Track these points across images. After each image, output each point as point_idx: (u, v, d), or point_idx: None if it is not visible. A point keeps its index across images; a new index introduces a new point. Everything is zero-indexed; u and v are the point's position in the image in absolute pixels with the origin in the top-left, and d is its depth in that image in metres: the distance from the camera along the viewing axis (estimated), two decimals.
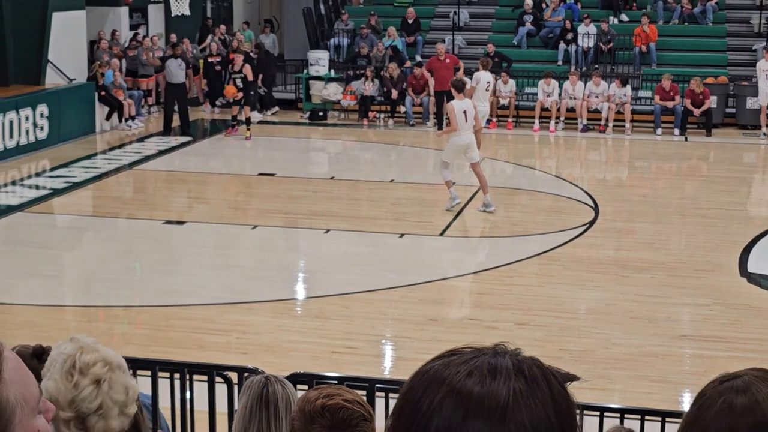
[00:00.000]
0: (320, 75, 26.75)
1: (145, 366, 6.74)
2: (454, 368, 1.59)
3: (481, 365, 1.58)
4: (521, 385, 1.56)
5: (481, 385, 1.55)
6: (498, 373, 1.57)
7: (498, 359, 1.60)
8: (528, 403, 1.55)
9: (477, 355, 1.62)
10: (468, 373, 1.57)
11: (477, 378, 1.56)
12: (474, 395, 1.54)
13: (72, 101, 22.73)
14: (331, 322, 11.62)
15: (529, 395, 1.56)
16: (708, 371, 10.14)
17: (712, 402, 2.42)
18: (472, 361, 1.60)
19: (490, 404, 1.54)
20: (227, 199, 17.87)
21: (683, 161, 21.93)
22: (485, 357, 1.60)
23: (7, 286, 13.10)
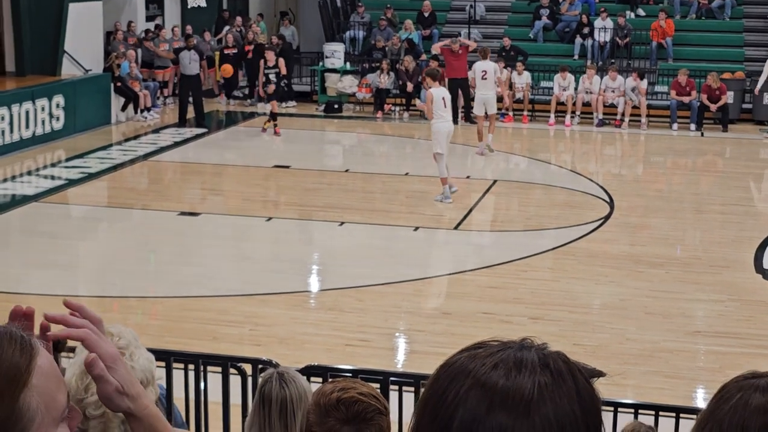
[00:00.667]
0: (336, 67, 26.74)
1: (160, 357, 6.72)
2: (480, 360, 1.59)
3: (506, 358, 1.58)
4: (546, 379, 1.56)
5: (506, 378, 1.55)
6: (523, 366, 1.57)
7: (524, 353, 1.59)
8: (553, 397, 1.55)
9: (503, 348, 1.62)
10: (493, 365, 1.57)
11: (502, 371, 1.56)
12: (499, 388, 1.54)
13: (88, 92, 22.78)
14: (344, 314, 11.62)
15: (554, 389, 1.56)
16: (722, 367, 10.12)
17: (730, 396, 2.42)
18: (497, 354, 1.60)
19: (515, 397, 1.54)
20: (242, 190, 17.89)
21: (699, 157, 21.86)
22: (511, 350, 1.61)
23: (22, 276, 13.14)
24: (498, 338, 1.66)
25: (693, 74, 24.67)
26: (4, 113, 19.93)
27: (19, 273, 13.27)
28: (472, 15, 29.13)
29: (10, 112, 20.12)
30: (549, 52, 27.93)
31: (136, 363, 3.46)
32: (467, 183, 18.33)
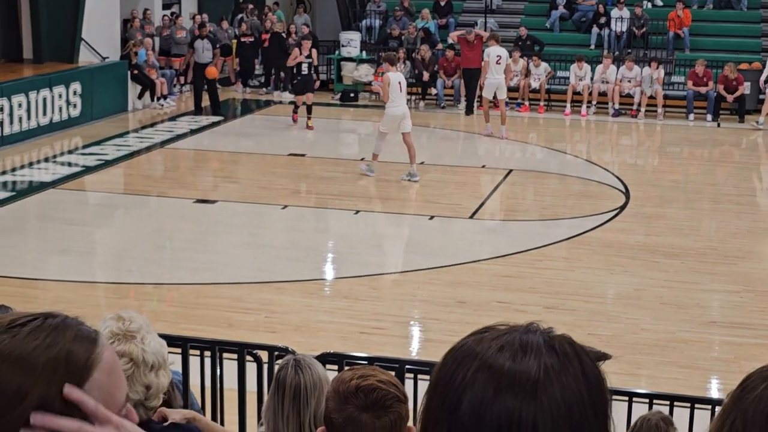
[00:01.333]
0: (352, 56, 26.73)
1: (176, 343, 6.78)
2: (486, 344, 1.61)
3: (512, 341, 1.60)
4: (553, 361, 1.58)
5: (513, 360, 1.57)
6: (529, 348, 1.59)
7: (530, 336, 1.61)
8: (559, 378, 1.57)
9: (509, 332, 1.64)
10: (499, 348, 1.59)
11: (508, 353, 1.58)
12: (505, 370, 1.57)
13: (105, 79, 22.83)
14: (359, 302, 11.65)
15: (560, 370, 1.58)
16: (737, 358, 10.12)
17: (755, 386, 2.42)
18: (504, 336, 1.62)
19: (521, 379, 1.56)
20: (258, 178, 17.92)
21: (715, 147, 21.81)
22: (517, 333, 1.63)
23: (39, 261, 13.21)
24: (505, 323, 1.68)
25: (710, 65, 24.59)
26: (21, 100, 20.00)
27: (36, 259, 13.34)
28: (489, 4, 29.08)
29: (28, 99, 20.19)
30: (565, 41, 27.88)
31: (147, 347, 3.51)
32: (482, 172, 18.33)
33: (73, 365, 1.67)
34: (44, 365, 1.64)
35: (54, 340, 1.67)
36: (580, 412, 1.58)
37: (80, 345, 1.69)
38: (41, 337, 1.67)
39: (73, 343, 1.68)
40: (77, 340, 1.69)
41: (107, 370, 1.72)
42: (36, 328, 1.69)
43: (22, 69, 22.27)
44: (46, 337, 1.67)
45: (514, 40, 26.92)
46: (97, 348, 1.71)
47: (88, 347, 1.69)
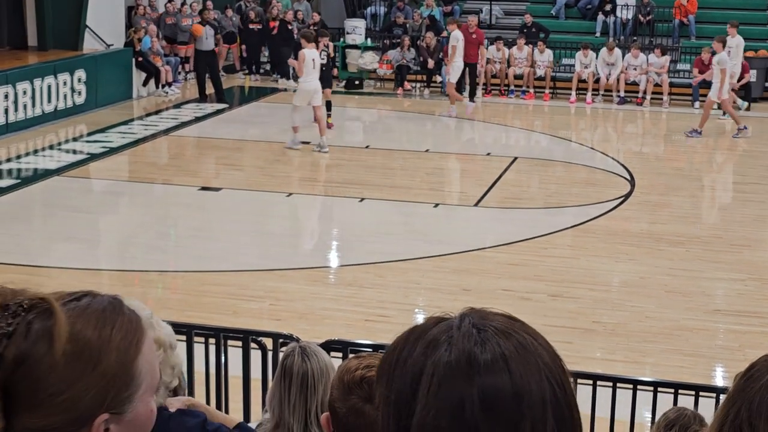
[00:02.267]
0: (357, 44, 26.70)
1: (181, 331, 6.78)
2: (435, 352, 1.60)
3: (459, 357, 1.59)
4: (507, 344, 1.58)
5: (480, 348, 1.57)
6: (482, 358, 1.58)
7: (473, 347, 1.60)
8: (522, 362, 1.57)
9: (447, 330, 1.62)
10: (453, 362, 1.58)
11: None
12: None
13: (109, 67, 22.82)
14: (364, 290, 11.65)
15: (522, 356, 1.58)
16: (742, 346, 10.12)
17: (760, 375, 2.42)
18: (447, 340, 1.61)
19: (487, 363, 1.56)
20: (263, 166, 17.92)
21: (721, 135, 21.76)
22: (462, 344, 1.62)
23: (44, 249, 13.22)
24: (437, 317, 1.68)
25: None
26: (26, 87, 20.00)
27: (41, 246, 13.35)
28: None
29: (33, 86, 20.19)
30: (571, 29, 27.83)
31: (163, 329, 3.56)
32: (487, 160, 18.31)
33: (129, 342, 1.76)
34: (106, 342, 1.73)
35: (109, 319, 1.76)
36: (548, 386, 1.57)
37: (132, 324, 1.78)
38: (96, 314, 1.76)
39: (127, 322, 1.77)
40: (129, 319, 1.78)
41: (150, 346, 1.82)
42: (87, 304, 1.77)
43: (27, 56, 22.26)
44: (101, 314, 1.76)
45: (519, 28, 26.87)
46: (143, 325, 1.81)
47: (137, 324, 1.79)
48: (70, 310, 1.73)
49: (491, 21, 28.57)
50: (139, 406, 1.76)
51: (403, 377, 1.60)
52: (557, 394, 1.56)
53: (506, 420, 1.53)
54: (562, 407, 1.57)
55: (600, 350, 10.20)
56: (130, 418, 1.75)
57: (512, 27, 27.86)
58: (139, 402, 1.76)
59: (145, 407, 1.78)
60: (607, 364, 9.72)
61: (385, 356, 1.66)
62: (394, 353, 1.64)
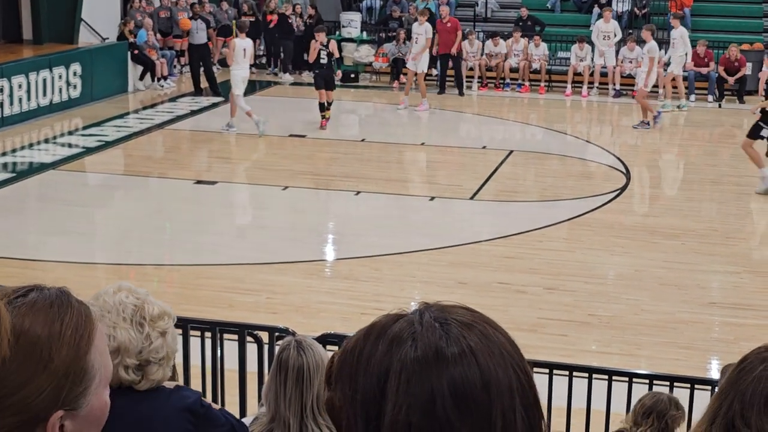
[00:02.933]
0: (352, 37, 26.68)
1: (176, 325, 6.75)
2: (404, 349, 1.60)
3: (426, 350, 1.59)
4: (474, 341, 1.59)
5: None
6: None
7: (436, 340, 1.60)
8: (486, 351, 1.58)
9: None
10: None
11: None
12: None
13: (105, 60, 22.78)
14: (360, 283, 11.66)
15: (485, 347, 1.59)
16: (737, 339, 10.13)
17: (752, 367, 2.43)
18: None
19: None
20: (258, 159, 17.91)
21: (716, 128, 21.78)
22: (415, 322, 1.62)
23: (39, 242, 13.21)
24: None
25: (711, 45, 24.55)
26: (21, 81, 19.97)
27: (36, 240, 13.34)
28: None
29: (28, 80, 20.16)
30: (566, 22, 27.81)
31: (153, 305, 3.61)
32: (483, 153, 18.31)
33: (81, 336, 1.72)
34: (57, 337, 1.69)
35: (57, 313, 1.71)
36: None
37: (81, 317, 1.74)
38: (43, 310, 1.71)
39: (76, 316, 1.73)
40: (78, 312, 1.74)
41: (101, 338, 1.77)
42: (33, 300, 1.73)
43: (22, 50, 22.23)
44: (49, 309, 1.71)
45: (515, 21, 26.87)
46: (93, 318, 1.76)
47: (87, 317, 1.75)
48: (17, 307, 1.69)
49: (487, 14, 28.55)
50: (94, 400, 1.73)
51: (368, 377, 1.59)
52: (522, 380, 1.59)
53: (477, 410, 1.55)
54: (527, 393, 1.59)
55: (595, 343, 10.21)
56: (85, 412, 1.72)
57: (508, 20, 27.86)
58: (94, 396, 1.73)
59: (100, 400, 1.75)
60: (602, 356, 9.74)
61: (343, 357, 1.65)
62: (353, 353, 1.63)
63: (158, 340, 3.53)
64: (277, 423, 4.27)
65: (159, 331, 3.55)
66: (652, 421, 5.48)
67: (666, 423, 5.62)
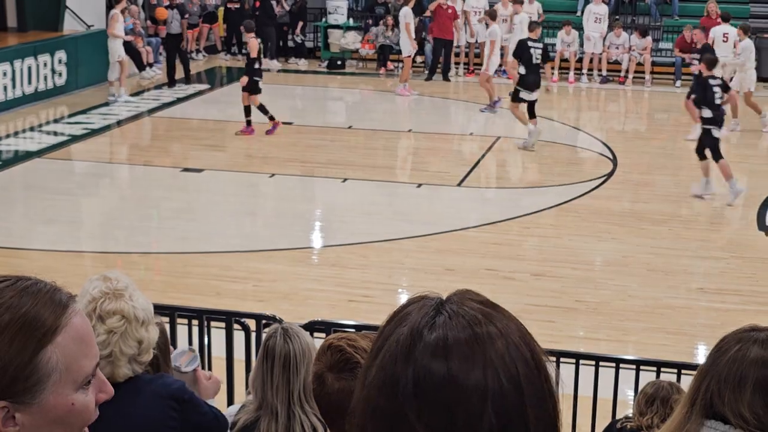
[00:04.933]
0: (339, 23, 26.63)
1: (164, 312, 6.78)
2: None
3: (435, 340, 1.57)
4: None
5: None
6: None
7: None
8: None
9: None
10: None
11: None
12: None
13: (90, 48, 22.68)
14: (347, 270, 11.65)
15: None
16: (724, 324, 10.14)
17: (728, 348, 2.46)
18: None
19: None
20: (245, 147, 17.87)
21: None
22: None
23: (25, 231, 13.17)
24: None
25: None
26: (6, 69, 19.89)
27: (22, 229, 13.31)
28: None
29: (13, 68, 20.07)
30: (553, 8, 27.76)
31: (136, 303, 3.63)
32: (470, 139, 18.32)
33: (36, 328, 1.68)
34: (3, 326, 1.67)
35: (20, 302, 1.69)
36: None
37: (47, 309, 1.71)
38: (7, 297, 1.69)
39: (40, 307, 1.70)
40: (46, 304, 1.71)
41: (74, 336, 1.73)
42: (4, 288, 1.71)
43: (7, 38, 22.13)
44: (12, 297, 1.69)
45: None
46: (66, 313, 1.72)
47: (55, 311, 1.71)
48: None
49: None
50: (51, 398, 1.70)
51: (373, 353, 1.60)
52: (503, 387, 1.52)
53: (437, 405, 1.51)
54: (509, 402, 1.52)
55: (583, 329, 10.23)
56: (40, 409, 1.69)
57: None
58: (51, 394, 1.70)
59: (61, 399, 1.71)
60: (589, 342, 9.75)
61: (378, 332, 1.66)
62: (381, 327, 1.63)
63: (102, 336, 3.51)
64: (265, 410, 4.27)
65: (106, 329, 3.55)
66: (657, 408, 5.50)
67: (671, 407, 5.63)
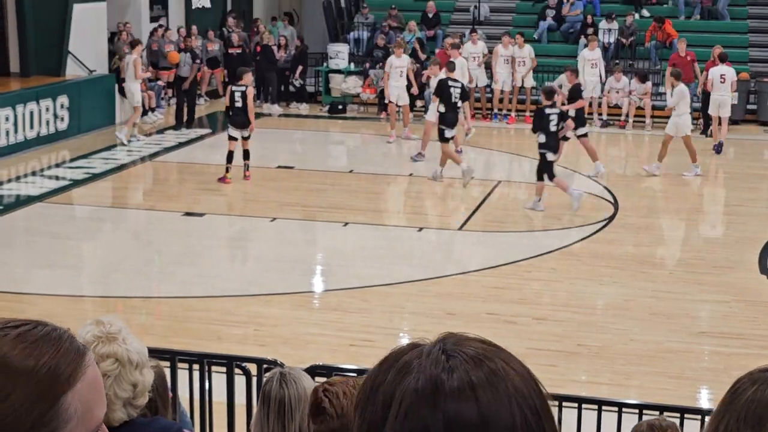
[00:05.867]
0: (340, 68, 26.73)
1: (165, 357, 6.76)
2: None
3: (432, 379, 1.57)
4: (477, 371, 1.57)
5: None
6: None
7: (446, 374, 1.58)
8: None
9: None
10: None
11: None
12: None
13: (92, 92, 22.78)
14: (349, 315, 11.63)
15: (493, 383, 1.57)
16: (727, 368, 10.12)
17: (745, 388, 2.46)
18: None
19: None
20: (246, 191, 17.89)
21: (703, 157, 21.82)
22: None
23: (26, 276, 13.15)
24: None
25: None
26: (8, 114, 19.95)
27: (24, 273, 13.29)
28: (477, 16, 29.14)
29: (15, 112, 20.14)
30: (553, 52, 27.91)
31: (130, 346, 3.61)
32: (471, 184, 18.33)
33: (57, 376, 1.70)
34: (28, 371, 1.68)
35: (42, 348, 1.71)
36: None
37: (68, 356, 1.72)
38: (28, 341, 1.71)
39: (62, 354, 1.71)
40: (67, 351, 1.73)
41: (89, 384, 1.75)
42: (25, 332, 1.73)
43: (9, 82, 22.22)
44: (34, 343, 1.71)
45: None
46: (84, 361, 1.74)
47: (75, 359, 1.73)
48: (2, 336, 1.70)
49: (479, 18, 28.91)
50: None
51: (375, 404, 1.58)
52: (528, 420, 1.54)
53: None
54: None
55: (585, 373, 10.19)
56: None
57: (501, 23, 28.44)
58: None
59: None
60: (592, 386, 9.72)
61: (362, 384, 1.65)
62: (368, 381, 1.63)
63: None
64: None
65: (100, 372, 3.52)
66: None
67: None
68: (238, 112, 18.19)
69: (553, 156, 16.42)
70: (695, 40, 27.24)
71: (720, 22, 28.19)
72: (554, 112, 16.50)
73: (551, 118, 16.31)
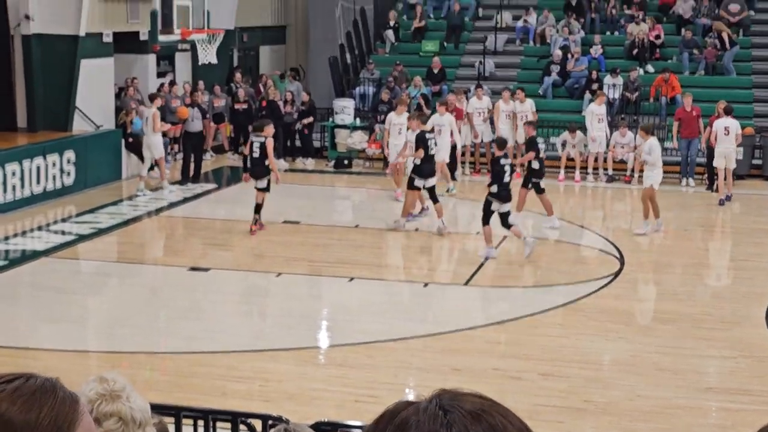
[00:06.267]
0: (345, 123, 26.84)
1: (169, 412, 6.72)
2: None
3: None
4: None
5: None
6: None
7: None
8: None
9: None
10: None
11: None
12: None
13: (99, 148, 22.88)
14: (354, 370, 11.59)
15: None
16: (734, 425, 10.06)
17: None
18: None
19: None
20: (252, 246, 17.90)
21: (709, 212, 21.83)
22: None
23: (31, 330, 13.14)
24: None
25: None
26: (15, 169, 20.03)
27: (29, 328, 13.28)
28: (482, 71, 29.28)
29: (21, 167, 20.23)
30: (558, 108, 28.02)
31: (133, 404, 3.59)
32: (477, 238, 18.32)
33: (59, 426, 1.72)
34: (31, 425, 1.70)
35: (40, 401, 1.73)
36: None
37: (65, 404, 1.75)
38: (26, 394, 1.73)
39: (59, 403, 1.75)
40: (64, 400, 1.76)
41: (86, 429, 1.78)
42: (21, 386, 1.75)
43: (16, 137, 22.33)
44: (33, 395, 1.73)
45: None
46: (80, 409, 1.78)
47: (72, 406, 1.76)
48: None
49: (485, 73, 29.05)
50: None
51: None
52: None
53: None
54: None
55: (591, 429, 10.13)
56: None
57: (506, 79, 28.50)
58: None
59: None
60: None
61: None
62: None
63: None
64: None
65: (103, 431, 3.52)
66: None
67: None
68: (256, 162, 18.41)
69: (497, 206, 16.79)
70: (700, 95, 27.30)
71: (724, 77, 28.30)
72: (507, 162, 17.14)
73: (505, 168, 16.86)
